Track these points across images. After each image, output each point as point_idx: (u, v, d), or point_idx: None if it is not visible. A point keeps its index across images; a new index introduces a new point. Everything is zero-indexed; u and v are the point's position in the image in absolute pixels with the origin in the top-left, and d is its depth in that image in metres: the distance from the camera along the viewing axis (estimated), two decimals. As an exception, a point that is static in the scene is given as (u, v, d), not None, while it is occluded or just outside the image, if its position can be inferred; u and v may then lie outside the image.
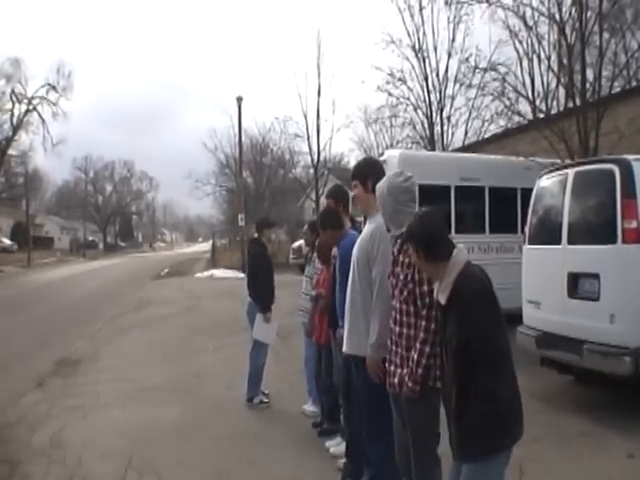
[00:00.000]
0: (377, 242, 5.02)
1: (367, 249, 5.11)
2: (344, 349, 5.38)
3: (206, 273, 37.37)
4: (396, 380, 4.46)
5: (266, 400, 9.14)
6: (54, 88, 62.67)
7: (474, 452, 3.71)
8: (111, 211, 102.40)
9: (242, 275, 33.64)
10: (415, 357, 4.28)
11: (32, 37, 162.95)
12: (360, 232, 5.69)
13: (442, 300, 3.81)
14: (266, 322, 9.21)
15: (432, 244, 3.87)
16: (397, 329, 4.49)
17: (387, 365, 4.64)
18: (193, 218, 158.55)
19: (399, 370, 4.44)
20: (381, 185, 4.76)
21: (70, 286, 31.25)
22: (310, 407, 8.53)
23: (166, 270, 43.46)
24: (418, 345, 4.27)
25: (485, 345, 3.63)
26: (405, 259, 4.43)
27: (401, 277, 4.46)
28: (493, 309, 3.69)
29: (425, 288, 4.29)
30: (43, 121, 62.94)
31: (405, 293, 4.42)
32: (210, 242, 62.52)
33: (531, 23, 15.64)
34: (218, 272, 37.04)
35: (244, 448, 7.32)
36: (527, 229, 9.46)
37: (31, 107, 62.20)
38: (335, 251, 6.51)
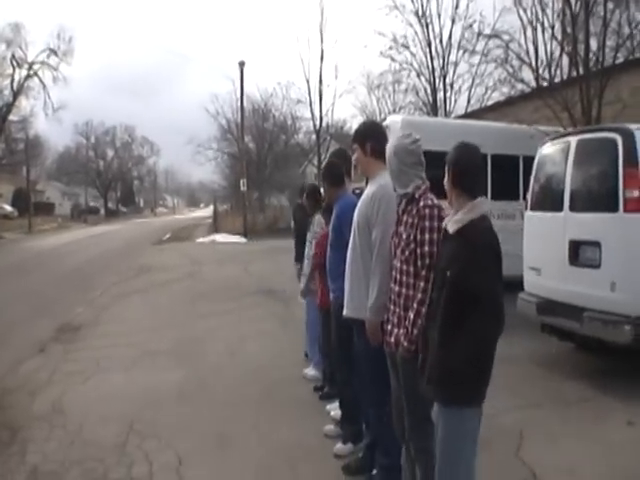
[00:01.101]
0: (377, 204, 4.98)
1: (367, 211, 5.06)
2: (344, 312, 5.35)
3: (208, 238, 37.43)
4: (392, 339, 4.47)
5: None
6: (55, 53, 62.32)
7: (450, 393, 3.76)
8: (112, 176, 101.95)
9: (244, 240, 33.75)
10: (412, 317, 4.27)
11: (32, 2, 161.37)
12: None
13: (451, 229, 3.85)
14: None
15: (467, 171, 3.89)
16: (396, 289, 4.49)
17: (385, 324, 4.65)
18: (195, 184, 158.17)
19: (396, 330, 4.44)
20: (389, 145, 4.73)
21: (71, 252, 31.24)
22: (311, 371, 8.58)
23: (168, 235, 43.47)
24: (415, 305, 4.27)
25: (486, 291, 3.66)
26: (409, 219, 4.42)
27: (404, 237, 4.44)
28: (499, 268, 3.72)
29: (426, 249, 4.27)
30: (44, 86, 62.71)
31: (407, 253, 4.41)
32: (212, 207, 62.50)
33: (536, -10, 15.55)
34: (220, 237, 37.13)
35: (246, 412, 7.36)
36: (529, 196, 9.45)
37: (32, 72, 61.90)
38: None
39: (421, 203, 4.40)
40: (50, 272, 22.48)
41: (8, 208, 70.83)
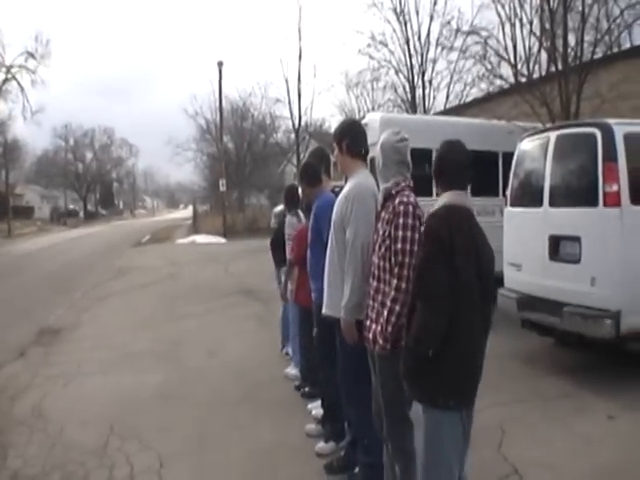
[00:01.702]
0: (351, 203, 4.99)
1: (342, 211, 5.07)
2: (324, 310, 5.35)
3: (188, 239, 37.31)
4: (370, 335, 4.47)
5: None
6: (32, 56, 61.83)
7: (417, 391, 3.81)
8: (91, 179, 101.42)
9: (224, 240, 33.66)
10: (385, 314, 4.28)
11: (8, 5, 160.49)
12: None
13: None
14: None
15: (443, 168, 3.99)
16: (374, 284, 4.50)
17: (364, 320, 4.64)
18: (174, 185, 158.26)
19: (374, 325, 4.44)
20: (380, 140, 4.74)
21: (51, 255, 31.08)
22: (292, 370, 8.57)
23: (147, 237, 43.26)
24: (388, 303, 4.27)
25: (422, 278, 3.68)
26: (386, 215, 4.44)
27: (380, 233, 4.46)
28: (441, 251, 3.64)
29: (399, 246, 4.26)
30: (22, 89, 62.24)
31: (382, 249, 4.41)
32: (191, 208, 62.39)
33: (514, -14, 15.62)
34: (200, 238, 37.03)
35: (227, 413, 7.35)
36: (509, 192, 9.48)
37: (9, 75, 61.45)
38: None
39: (397, 200, 4.41)
40: (30, 275, 22.33)
41: (-14, 212, 70.23)
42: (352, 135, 5.34)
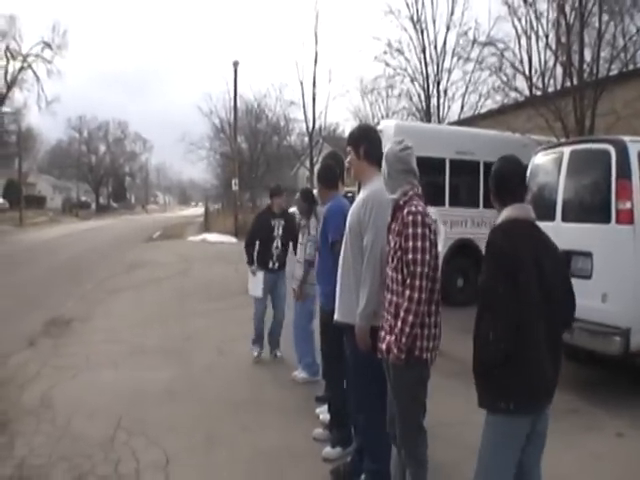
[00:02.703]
0: (369, 209, 4.95)
1: (359, 216, 5.03)
2: (336, 317, 5.32)
3: (199, 237, 37.29)
4: (384, 346, 4.46)
5: (255, 354, 9.59)
6: (49, 46, 62.23)
7: (479, 398, 3.85)
8: (104, 172, 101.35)
9: (235, 240, 33.70)
10: (399, 325, 4.27)
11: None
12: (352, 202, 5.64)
13: None
14: (252, 275, 9.50)
15: (497, 184, 4.10)
16: (388, 296, 4.49)
17: (379, 330, 4.64)
18: (186, 182, 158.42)
19: (388, 337, 4.43)
20: (385, 150, 4.75)
21: (62, 246, 31.14)
22: (300, 373, 8.61)
23: (158, 233, 43.30)
24: (402, 314, 4.25)
25: (486, 292, 3.71)
26: (396, 226, 4.43)
27: (392, 244, 4.45)
28: (503, 266, 3.69)
29: (410, 256, 4.24)
30: (38, 79, 62.60)
31: (395, 261, 4.40)
32: (203, 206, 62.37)
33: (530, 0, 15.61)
34: (211, 236, 36.98)
35: (234, 413, 7.36)
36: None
37: (26, 64, 61.77)
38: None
39: (405, 210, 4.40)
40: (41, 265, 22.40)
41: (-1, 200, 70.47)
42: (371, 140, 5.31)
